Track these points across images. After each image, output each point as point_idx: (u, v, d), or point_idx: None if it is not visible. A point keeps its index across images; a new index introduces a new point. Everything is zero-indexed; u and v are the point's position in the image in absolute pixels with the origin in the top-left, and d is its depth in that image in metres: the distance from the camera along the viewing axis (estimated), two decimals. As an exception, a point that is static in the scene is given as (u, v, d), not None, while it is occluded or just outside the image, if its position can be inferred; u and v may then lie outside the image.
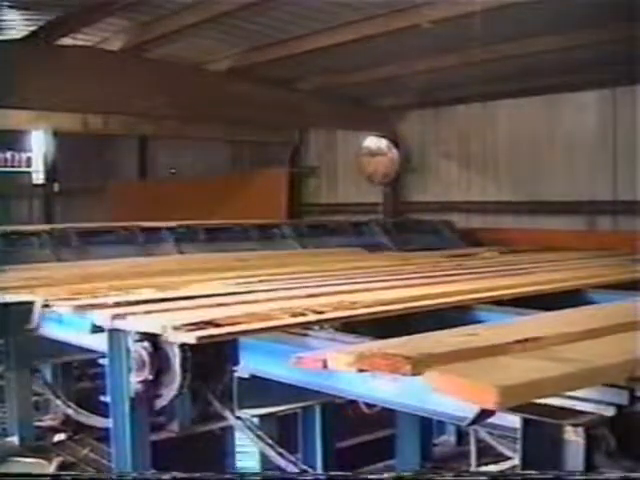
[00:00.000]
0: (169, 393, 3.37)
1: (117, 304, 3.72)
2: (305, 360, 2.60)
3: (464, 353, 2.40)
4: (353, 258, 7.14)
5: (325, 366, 2.47)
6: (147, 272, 5.57)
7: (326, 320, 3.34)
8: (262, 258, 6.92)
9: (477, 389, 2.07)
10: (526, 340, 2.51)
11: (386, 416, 4.72)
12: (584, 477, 2.28)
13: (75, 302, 3.82)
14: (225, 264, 6.22)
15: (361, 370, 2.39)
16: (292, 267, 5.90)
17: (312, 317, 3.33)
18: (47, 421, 5.91)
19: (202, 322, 3.07)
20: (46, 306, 4.09)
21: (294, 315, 3.31)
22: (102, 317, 3.50)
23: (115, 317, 3.44)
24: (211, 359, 3.33)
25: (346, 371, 2.45)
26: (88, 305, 3.72)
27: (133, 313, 3.48)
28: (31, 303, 4.23)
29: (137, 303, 3.77)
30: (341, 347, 2.88)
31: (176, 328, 3.01)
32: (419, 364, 2.25)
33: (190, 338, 2.95)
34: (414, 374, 2.26)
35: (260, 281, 4.74)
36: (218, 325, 3.07)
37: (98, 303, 3.77)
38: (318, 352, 2.71)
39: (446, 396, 2.26)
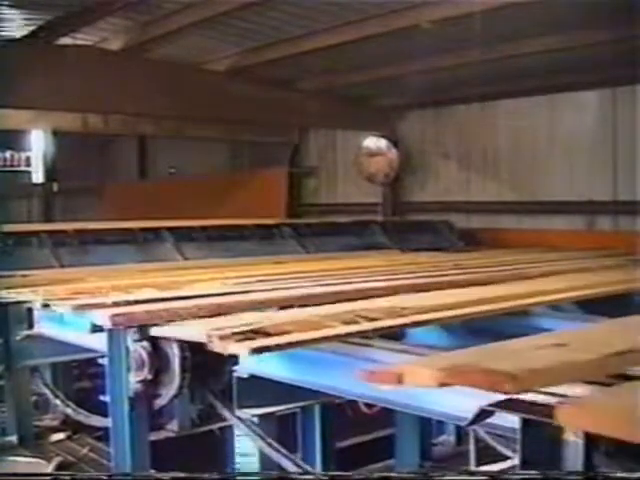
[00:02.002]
0: (168, 393, 3.38)
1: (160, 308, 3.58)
2: (377, 375, 2.34)
3: (569, 371, 2.27)
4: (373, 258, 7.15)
5: (401, 381, 2.24)
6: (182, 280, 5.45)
7: (381, 329, 3.10)
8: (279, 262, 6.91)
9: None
10: (623, 352, 2.37)
11: (385, 416, 4.73)
12: (583, 477, 2.28)
13: (113, 310, 3.59)
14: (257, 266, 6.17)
15: (444, 385, 2.18)
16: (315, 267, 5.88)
17: (366, 325, 3.07)
18: (46, 420, 5.91)
19: (250, 331, 2.84)
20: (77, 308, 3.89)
21: (345, 322, 3.05)
22: (139, 323, 3.36)
23: (154, 323, 3.34)
24: (210, 359, 3.33)
25: (426, 386, 2.23)
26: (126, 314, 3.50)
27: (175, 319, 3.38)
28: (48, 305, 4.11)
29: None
30: (399, 358, 2.78)
31: (224, 338, 2.77)
32: (523, 382, 2.13)
33: (241, 349, 2.70)
34: (517, 392, 2.15)
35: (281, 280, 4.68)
36: (267, 334, 2.83)
37: (138, 311, 3.57)
38: (389, 365, 2.50)
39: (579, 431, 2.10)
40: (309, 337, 2.85)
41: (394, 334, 3.72)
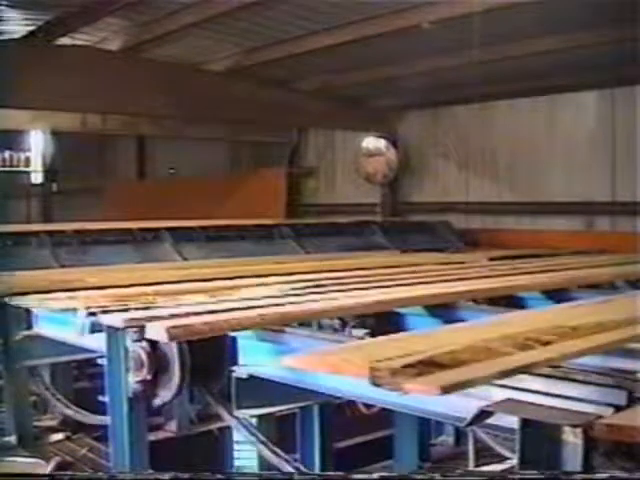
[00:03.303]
0: (167, 393, 3.38)
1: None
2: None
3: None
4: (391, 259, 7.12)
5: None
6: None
7: (571, 355, 2.66)
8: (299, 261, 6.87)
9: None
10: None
11: (384, 416, 4.73)
12: (582, 478, 2.28)
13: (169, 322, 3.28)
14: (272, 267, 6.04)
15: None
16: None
17: (550, 351, 2.63)
18: (45, 421, 5.91)
19: (419, 362, 2.39)
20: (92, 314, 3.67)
21: (518, 347, 2.64)
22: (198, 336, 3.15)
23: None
24: (209, 359, 3.33)
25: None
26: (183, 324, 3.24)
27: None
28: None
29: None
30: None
31: (396, 373, 2.29)
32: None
33: (424, 389, 2.23)
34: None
35: (318, 285, 4.50)
36: (441, 366, 2.38)
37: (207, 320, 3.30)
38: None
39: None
40: (497, 370, 2.41)
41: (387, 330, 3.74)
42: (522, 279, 5.14)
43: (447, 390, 2.21)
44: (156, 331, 3.15)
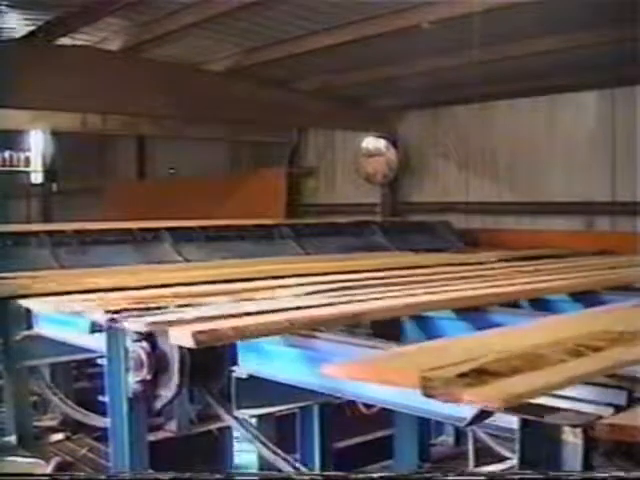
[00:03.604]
0: (167, 393, 3.37)
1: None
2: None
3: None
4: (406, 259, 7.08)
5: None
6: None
7: (628, 362, 2.54)
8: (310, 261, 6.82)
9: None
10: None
11: (384, 416, 4.72)
12: (582, 478, 2.28)
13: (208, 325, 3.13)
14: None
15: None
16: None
17: (605, 360, 2.51)
18: (45, 421, 5.91)
19: (472, 370, 2.28)
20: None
21: (570, 353, 2.54)
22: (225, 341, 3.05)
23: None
24: (209, 359, 3.33)
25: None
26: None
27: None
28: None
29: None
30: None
31: (449, 382, 2.19)
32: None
33: (484, 400, 2.12)
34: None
35: (345, 287, 4.37)
36: (495, 374, 2.29)
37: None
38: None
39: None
40: (557, 380, 2.31)
41: (393, 334, 3.73)
42: (553, 280, 4.98)
43: (509, 403, 2.13)
44: (181, 336, 3.01)
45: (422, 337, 3.76)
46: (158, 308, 3.58)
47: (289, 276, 5.09)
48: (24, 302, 4.31)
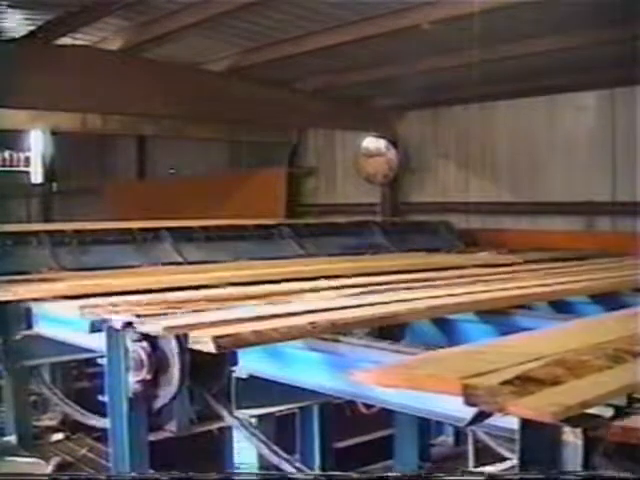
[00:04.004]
0: (167, 393, 3.37)
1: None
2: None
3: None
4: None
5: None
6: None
7: None
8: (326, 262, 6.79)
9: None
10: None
11: (384, 416, 4.73)
12: (582, 478, 2.28)
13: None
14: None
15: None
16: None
17: None
18: (45, 421, 5.91)
19: (516, 378, 2.20)
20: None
21: (612, 359, 2.47)
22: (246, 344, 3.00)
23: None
24: (209, 359, 3.33)
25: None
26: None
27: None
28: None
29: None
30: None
31: (495, 393, 2.10)
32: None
33: (536, 414, 2.03)
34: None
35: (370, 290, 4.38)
36: (539, 382, 2.21)
37: None
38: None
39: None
40: (608, 390, 2.23)
41: (393, 334, 3.73)
42: (581, 281, 4.97)
43: (559, 416, 2.03)
44: (202, 340, 2.99)
45: (443, 340, 3.74)
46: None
47: (315, 278, 5.11)
48: (47, 306, 4.29)
